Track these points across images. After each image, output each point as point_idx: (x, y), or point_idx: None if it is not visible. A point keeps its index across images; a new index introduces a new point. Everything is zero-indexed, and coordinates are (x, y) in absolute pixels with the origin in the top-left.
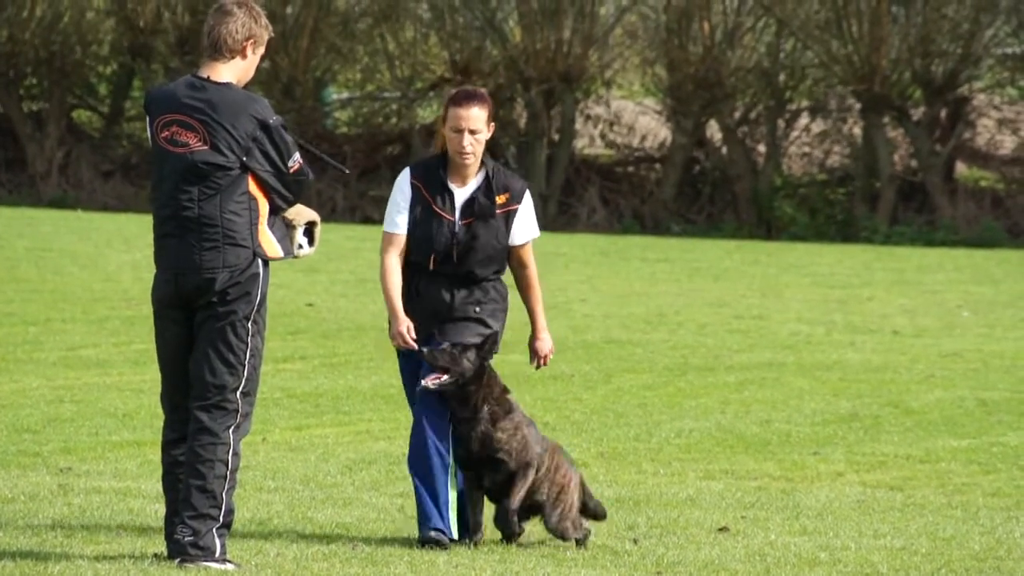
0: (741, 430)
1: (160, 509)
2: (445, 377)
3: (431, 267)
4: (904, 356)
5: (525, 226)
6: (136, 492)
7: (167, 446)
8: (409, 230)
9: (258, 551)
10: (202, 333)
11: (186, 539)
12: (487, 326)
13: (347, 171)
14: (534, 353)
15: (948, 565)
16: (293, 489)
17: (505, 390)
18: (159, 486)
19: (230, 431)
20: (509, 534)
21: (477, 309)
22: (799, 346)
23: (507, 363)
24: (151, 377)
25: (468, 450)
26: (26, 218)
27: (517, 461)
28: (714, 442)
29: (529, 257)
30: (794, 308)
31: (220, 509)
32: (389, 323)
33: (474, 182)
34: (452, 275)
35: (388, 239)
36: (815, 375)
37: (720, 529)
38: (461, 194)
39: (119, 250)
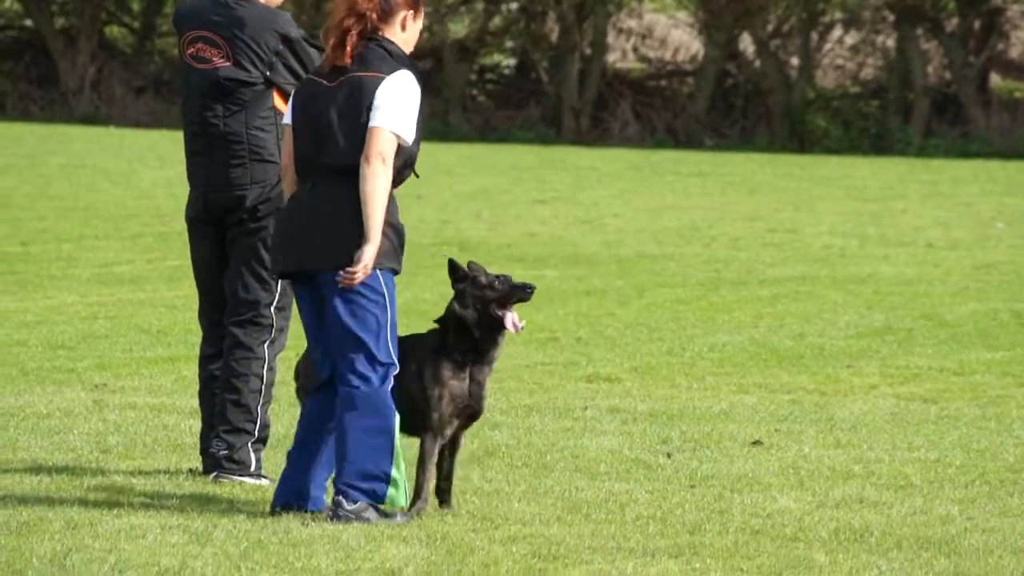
0: (774, 344)
1: (195, 425)
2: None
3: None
4: (938, 268)
5: None
6: (171, 408)
7: (204, 361)
8: (414, 141)
9: None
10: (234, 250)
11: (221, 453)
12: None
13: None
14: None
15: (982, 477)
16: None
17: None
18: (194, 402)
19: (265, 346)
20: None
21: None
22: (832, 259)
23: (542, 279)
24: (185, 293)
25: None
26: (59, 135)
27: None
28: (747, 356)
29: None
30: (827, 221)
31: (255, 423)
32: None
33: None
34: None
35: (398, 150)
36: (848, 288)
37: (754, 442)
38: None
39: (152, 167)
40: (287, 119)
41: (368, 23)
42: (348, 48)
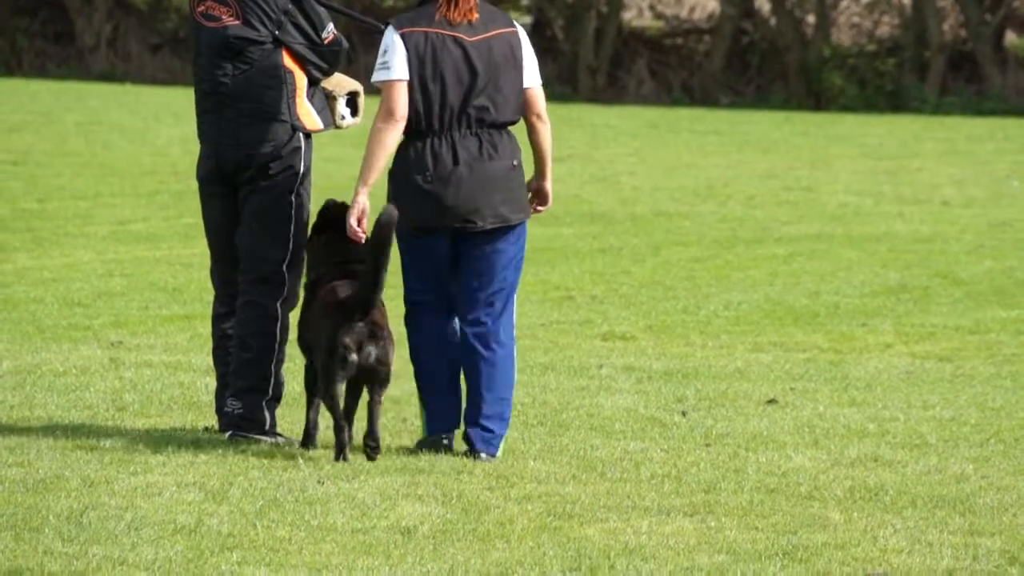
0: (790, 302)
1: (211, 383)
2: None
3: None
4: (953, 226)
5: None
6: (186, 366)
7: (217, 320)
8: None
9: None
10: (247, 208)
11: (236, 412)
12: None
13: (383, 28)
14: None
15: (997, 435)
16: None
17: None
18: (209, 360)
19: (278, 304)
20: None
21: None
22: (848, 217)
23: (559, 236)
24: (200, 251)
25: None
26: (75, 92)
27: None
28: (763, 314)
29: None
30: (843, 179)
31: (270, 382)
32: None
33: None
34: None
35: None
36: (864, 246)
37: (769, 401)
38: None
39: (168, 124)
40: (401, 74)
41: None
42: (473, 3)
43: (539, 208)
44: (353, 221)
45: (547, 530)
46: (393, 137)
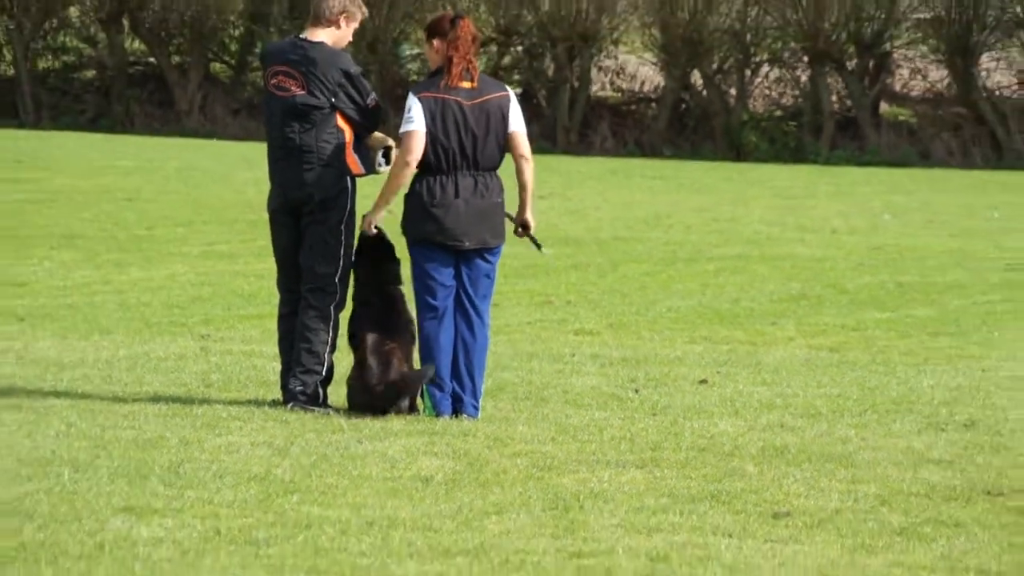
0: (716, 306)
1: (277, 366)
2: None
3: None
4: (840, 250)
5: None
6: (259, 353)
7: (282, 319)
8: None
9: None
10: (307, 235)
11: (296, 389)
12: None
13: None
14: None
15: (873, 407)
16: None
17: None
18: (276, 349)
19: (331, 307)
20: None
21: None
22: (761, 242)
23: (541, 256)
24: (269, 266)
25: None
26: (174, 145)
27: None
28: (696, 315)
29: None
30: (757, 213)
31: (323, 366)
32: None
33: None
34: None
35: None
36: (773, 264)
37: (700, 381)
38: None
39: (244, 169)
40: (419, 126)
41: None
42: (474, 74)
43: (522, 233)
44: (367, 225)
45: (532, 479)
46: (407, 175)
